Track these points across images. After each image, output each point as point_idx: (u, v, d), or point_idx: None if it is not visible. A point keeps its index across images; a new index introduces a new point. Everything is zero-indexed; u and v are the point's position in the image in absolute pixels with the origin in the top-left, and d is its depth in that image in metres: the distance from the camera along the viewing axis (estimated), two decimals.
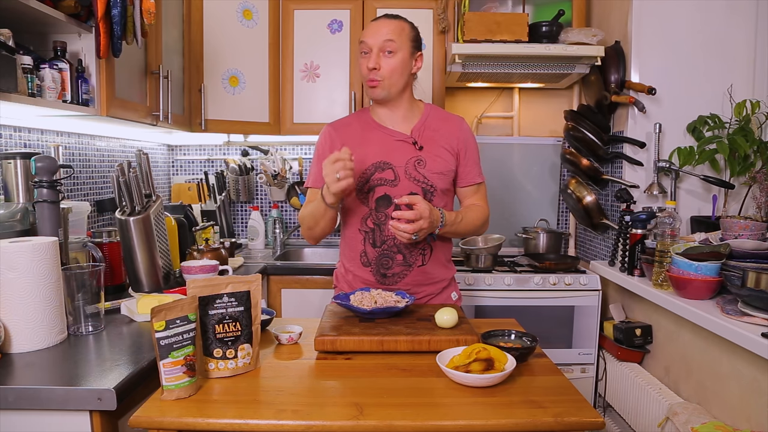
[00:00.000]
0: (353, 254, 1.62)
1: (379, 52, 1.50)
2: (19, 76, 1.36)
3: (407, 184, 1.55)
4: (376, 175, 1.55)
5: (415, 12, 2.58)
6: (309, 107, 2.64)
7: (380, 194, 1.55)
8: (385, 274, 1.58)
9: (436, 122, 1.61)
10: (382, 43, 1.50)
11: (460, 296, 1.74)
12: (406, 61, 1.54)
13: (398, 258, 1.57)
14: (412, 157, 1.56)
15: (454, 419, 0.94)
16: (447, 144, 1.59)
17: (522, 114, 2.96)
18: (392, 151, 1.56)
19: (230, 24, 2.50)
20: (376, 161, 1.55)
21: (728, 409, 1.62)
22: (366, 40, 1.52)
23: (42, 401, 1.02)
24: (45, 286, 1.22)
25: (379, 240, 1.57)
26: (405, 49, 1.53)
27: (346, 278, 1.66)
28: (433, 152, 1.57)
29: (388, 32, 1.50)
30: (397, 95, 1.56)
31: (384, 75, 1.51)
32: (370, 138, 1.59)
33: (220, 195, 2.84)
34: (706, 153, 2.14)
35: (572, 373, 2.38)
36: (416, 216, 1.39)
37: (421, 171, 1.55)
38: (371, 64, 1.50)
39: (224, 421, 0.94)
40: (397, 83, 1.54)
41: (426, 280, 1.61)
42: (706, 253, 1.72)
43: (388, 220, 1.54)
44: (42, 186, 1.45)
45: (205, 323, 1.09)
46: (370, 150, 1.56)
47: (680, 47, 2.25)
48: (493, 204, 2.89)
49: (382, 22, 1.53)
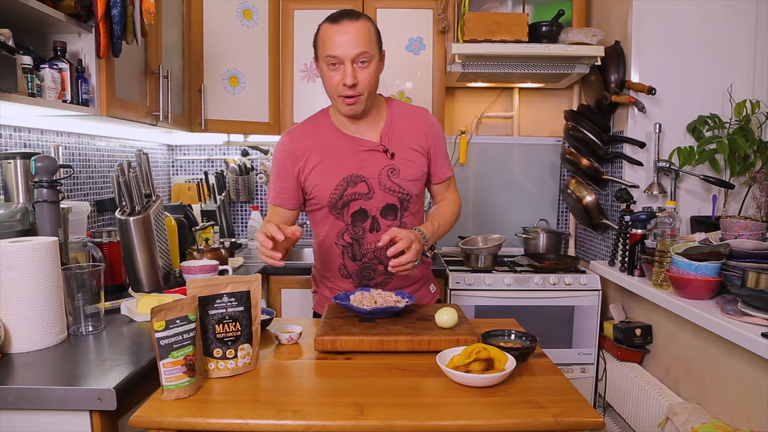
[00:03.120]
0: (331, 266, 1.58)
1: (353, 64, 1.37)
2: (19, 76, 1.36)
3: (382, 196, 1.49)
4: (349, 190, 1.47)
5: (415, 12, 2.58)
6: (309, 107, 2.62)
7: (355, 209, 1.49)
8: (367, 285, 1.56)
9: (401, 122, 1.52)
10: (355, 55, 1.36)
11: (438, 288, 1.73)
12: (379, 66, 1.44)
13: (380, 269, 1.55)
14: (385, 166, 1.48)
15: (454, 419, 0.94)
16: (416, 144, 1.52)
17: (522, 114, 2.96)
18: (363, 163, 1.47)
19: (230, 24, 2.50)
20: (347, 175, 1.46)
21: (728, 409, 1.62)
22: (335, 53, 1.36)
23: (42, 401, 1.02)
24: (45, 286, 1.21)
25: (359, 254, 1.53)
26: (376, 56, 1.41)
27: (326, 284, 1.62)
28: (405, 157, 1.50)
29: (360, 43, 1.36)
30: (370, 104, 1.47)
31: (362, 89, 1.39)
32: (336, 149, 1.48)
33: (220, 195, 2.84)
34: (706, 153, 2.14)
35: (572, 373, 2.38)
36: (408, 243, 1.33)
37: (395, 181, 1.49)
38: (350, 81, 1.36)
39: (224, 421, 0.94)
40: (373, 92, 1.44)
41: (407, 282, 1.60)
42: (706, 253, 1.72)
43: (366, 234, 1.51)
44: (42, 186, 1.45)
45: (205, 323, 1.09)
46: (338, 161, 1.47)
47: (680, 47, 2.25)
48: (494, 204, 2.93)
49: (350, 28, 1.36)
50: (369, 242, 1.52)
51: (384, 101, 1.56)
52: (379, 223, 1.51)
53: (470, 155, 2.90)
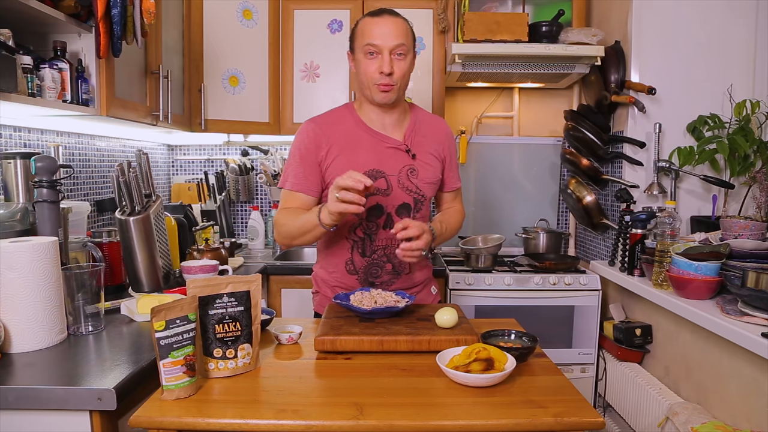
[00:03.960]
0: (337, 261, 1.58)
1: (390, 54, 1.43)
2: (19, 76, 1.36)
3: (399, 194, 1.52)
4: None
5: (415, 12, 2.58)
6: (309, 107, 2.64)
7: (372, 204, 1.50)
8: (373, 282, 1.56)
9: (424, 127, 1.58)
10: (393, 46, 1.43)
11: (439, 290, 1.75)
12: (413, 63, 1.50)
13: (387, 267, 1.56)
14: (405, 165, 1.52)
15: (454, 419, 0.94)
16: (435, 150, 1.57)
17: (522, 114, 2.96)
18: (385, 159, 1.51)
19: (230, 24, 2.50)
20: (369, 169, 1.49)
21: (728, 409, 1.62)
22: (375, 42, 1.43)
23: (42, 401, 1.02)
24: (45, 286, 1.21)
25: (369, 250, 1.54)
26: (412, 52, 1.49)
27: (328, 283, 1.62)
28: (424, 160, 1.54)
29: (399, 35, 1.43)
30: (400, 98, 1.52)
31: (397, 79, 1.45)
32: (360, 142, 1.51)
33: (220, 195, 2.84)
34: (706, 153, 2.14)
35: (572, 373, 2.38)
36: (420, 231, 1.36)
37: (414, 181, 1.53)
38: (387, 68, 1.42)
39: (224, 421, 0.94)
40: (405, 87, 1.50)
41: (410, 284, 1.61)
42: (706, 253, 1.72)
43: (379, 230, 1.52)
44: (42, 186, 1.45)
45: (205, 323, 1.09)
46: (361, 156, 1.50)
47: (680, 47, 2.25)
48: (494, 204, 2.93)
49: (390, 21, 1.45)
50: (381, 239, 1.54)
51: (408, 106, 1.61)
52: (393, 220, 1.53)
53: (470, 155, 2.90)
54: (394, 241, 1.42)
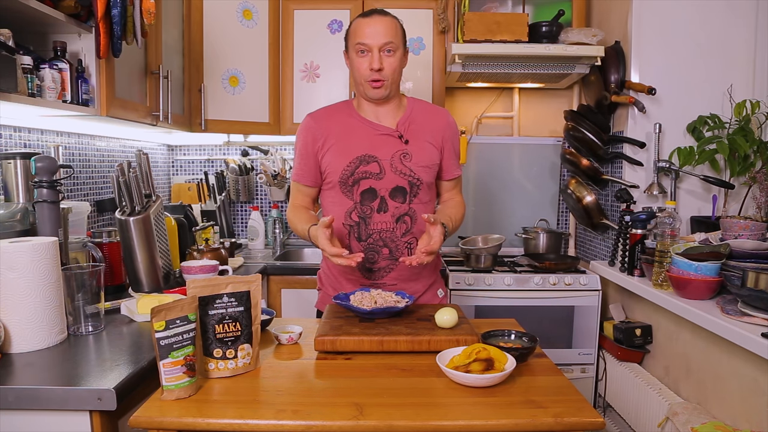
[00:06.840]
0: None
1: (380, 52, 1.51)
2: (19, 76, 1.36)
3: (392, 177, 1.55)
4: (361, 168, 1.55)
5: (415, 12, 2.58)
6: (309, 107, 2.58)
7: (365, 187, 1.55)
8: (370, 269, 1.58)
9: (421, 115, 1.62)
10: (382, 44, 1.50)
11: (446, 293, 1.75)
12: (402, 59, 1.57)
13: (384, 252, 1.57)
14: (398, 150, 1.56)
15: (454, 419, 0.94)
16: (432, 138, 1.61)
17: (522, 114, 2.96)
18: (377, 144, 1.56)
19: (230, 24, 2.50)
20: (361, 154, 1.55)
21: (728, 409, 1.62)
22: (365, 41, 1.51)
23: (42, 401, 1.02)
24: (45, 286, 1.22)
25: (364, 234, 1.57)
26: (401, 48, 1.55)
27: (329, 279, 1.66)
28: (419, 146, 1.58)
29: (387, 33, 1.51)
30: (393, 93, 1.58)
31: (387, 75, 1.52)
32: (353, 131, 1.58)
33: (220, 195, 2.84)
34: (706, 153, 2.14)
35: (572, 373, 2.38)
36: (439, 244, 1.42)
37: (407, 164, 1.56)
38: (376, 65, 1.50)
39: (224, 421, 0.94)
40: (396, 81, 1.57)
41: (412, 276, 1.61)
42: (706, 253, 1.72)
43: (373, 214, 1.56)
44: (42, 186, 1.45)
45: (205, 323, 1.09)
46: (353, 142, 1.56)
47: (680, 47, 2.25)
48: (494, 204, 2.93)
49: (378, 21, 1.53)
50: (375, 222, 1.56)
51: (406, 98, 1.66)
52: (387, 204, 1.56)
53: (470, 155, 2.90)
54: (389, 225, 1.51)
